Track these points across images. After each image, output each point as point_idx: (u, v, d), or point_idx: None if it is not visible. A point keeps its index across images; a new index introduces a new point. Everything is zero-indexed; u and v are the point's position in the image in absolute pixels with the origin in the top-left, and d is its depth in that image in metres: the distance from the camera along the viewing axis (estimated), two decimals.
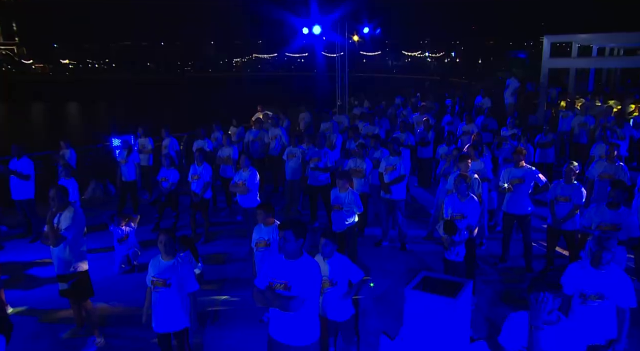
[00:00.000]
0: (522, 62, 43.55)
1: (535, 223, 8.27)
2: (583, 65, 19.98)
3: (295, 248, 3.81)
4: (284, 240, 3.77)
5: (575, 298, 4.38)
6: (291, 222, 3.81)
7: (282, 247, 3.80)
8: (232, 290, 7.10)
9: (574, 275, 4.42)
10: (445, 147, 10.12)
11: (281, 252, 3.85)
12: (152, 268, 4.66)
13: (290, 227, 3.76)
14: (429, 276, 5.26)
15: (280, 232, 3.79)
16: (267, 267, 3.97)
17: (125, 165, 9.84)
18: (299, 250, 3.85)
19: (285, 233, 3.76)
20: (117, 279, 7.52)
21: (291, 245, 3.78)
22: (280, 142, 11.49)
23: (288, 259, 3.85)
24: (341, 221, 7.12)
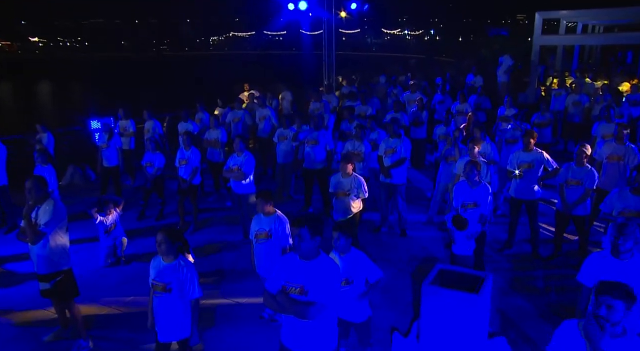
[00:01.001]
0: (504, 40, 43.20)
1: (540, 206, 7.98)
2: (576, 42, 19.73)
3: (312, 248, 3.39)
4: (299, 238, 3.33)
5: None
6: (306, 218, 3.37)
7: (297, 247, 3.36)
8: (228, 283, 6.66)
9: (594, 266, 4.11)
10: (443, 127, 9.73)
11: (295, 251, 3.42)
12: (152, 269, 4.19)
13: (305, 224, 3.32)
14: (445, 269, 4.90)
15: (294, 230, 3.35)
16: (279, 268, 3.53)
17: (106, 150, 9.24)
18: (316, 249, 3.42)
19: (300, 230, 3.32)
20: (103, 273, 7.01)
21: (307, 243, 3.34)
22: (270, 123, 10.98)
23: (303, 260, 3.42)
24: (345, 209, 6.71)
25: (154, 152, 8.55)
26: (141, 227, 8.58)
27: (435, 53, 47.65)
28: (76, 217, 8.65)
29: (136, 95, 28.68)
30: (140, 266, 7.11)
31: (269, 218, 5.42)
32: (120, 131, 10.50)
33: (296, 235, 3.33)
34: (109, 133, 9.27)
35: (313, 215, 3.53)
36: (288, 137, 9.35)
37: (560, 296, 6.11)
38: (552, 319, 5.60)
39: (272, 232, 5.36)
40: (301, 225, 3.31)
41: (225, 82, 34.48)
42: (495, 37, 41.22)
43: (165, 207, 9.06)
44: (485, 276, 4.70)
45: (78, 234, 7.97)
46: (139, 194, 9.59)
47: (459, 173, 7.31)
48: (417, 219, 8.62)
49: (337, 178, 6.81)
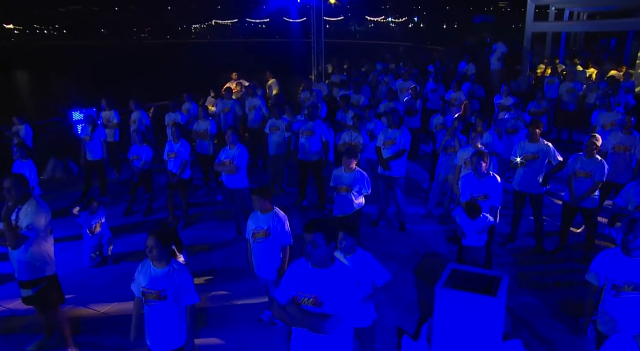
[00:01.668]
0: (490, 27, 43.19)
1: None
2: (568, 29, 19.56)
3: (327, 255, 3.07)
4: (313, 245, 3.01)
5: (607, 290, 3.84)
6: (321, 223, 3.05)
7: (310, 254, 3.04)
8: (222, 283, 6.33)
9: (605, 263, 3.89)
10: (439, 117, 9.46)
11: (308, 258, 3.10)
12: (141, 276, 3.83)
13: (320, 229, 3.00)
14: (457, 269, 4.63)
15: (308, 236, 3.03)
16: (288, 276, 3.21)
17: (89, 142, 8.78)
18: (331, 256, 3.11)
19: (313, 236, 3.00)
20: (88, 274, 6.62)
21: (321, 250, 3.03)
22: (260, 113, 10.59)
23: (317, 268, 3.10)
24: (347, 204, 6.39)
25: (141, 144, 8.15)
26: (128, 223, 8.19)
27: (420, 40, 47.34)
28: (59, 213, 8.23)
29: (118, 84, 27.91)
30: (128, 266, 6.74)
31: (267, 215, 5.09)
32: (103, 122, 10.04)
33: (310, 241, 3.01)
34: (92, 125, 8.82)
35: (328, 220, 3.19)
36: (280, 127, 8.99)
37: (570, 293, 5.90)
38: (564, 318, 5.40)
39: (271, 230, 5.03)
40: (316, 230, 2.99)
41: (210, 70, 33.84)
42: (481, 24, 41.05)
43: (154, 201, 8.68)
44: (501, 276, 4.45)
45: (62, 232, 7.56)
46: (125, 188, 9.18)
47: (459, 164, 7.06)
48: (415, 212, 8.36)
49: (339, 172, 6.48)
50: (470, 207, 5.44)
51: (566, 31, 22.58)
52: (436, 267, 6.60)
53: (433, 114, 10.06)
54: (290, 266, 3.25)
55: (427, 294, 5.91)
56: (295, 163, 10.00)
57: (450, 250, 7.09)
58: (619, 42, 24.68)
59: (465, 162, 6.91)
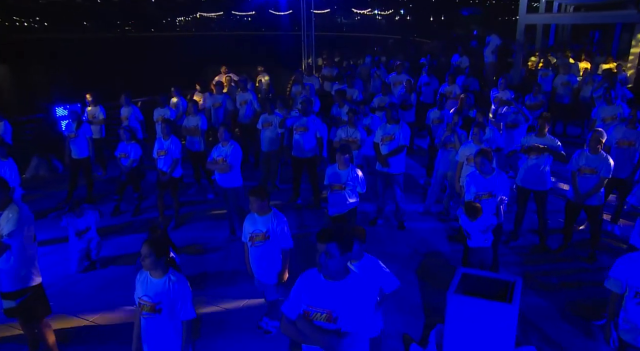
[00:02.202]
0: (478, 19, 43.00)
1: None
2: (561, 21, 19.44)
3: (341, 266, 2.82)
4: (326, 255, 2.75)
5: (629, 297, 3.61)
6: (335, 231, 2.79)
7: (323, 265, 2.78)
8: (216, 287, 6.05)
9: (626, 269, 3.64)
10: (436, 111, 9.23)
11: (320, 270, 2.84)
12: (139, 285, 3.56)
13: (334, 238, 2.74)
14: (467, 273, 4.41)
15: (320, 246, 2.77)
16: (298, 289, 2.95)
17: (74, 140, 8.39)
18: (346, 268, 2.86)
19: (327, 246, 2.74)
20: (76, 279, 6.28)
21: (336, 262, 2.77)
22: (252, 108, 10.28)
23: (330, 280, 2.84)
24: (342, 203, 6.14)
25: (129, 142, 7.81)
26: (116, 224, 7.86)
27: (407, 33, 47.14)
28: (44, 213, 7.90)
29: (103, 78, 27.32)
30: (117, 270, 6.46)
31: (265, 217, 4.81)
32: (88, 119, 9.64)
33: (323, 251, 2.75)
34: (77, 121, 8.43)
35: (343, 228, 2.92)
36: (273, 123, 8.70)
37: (578, 293, 5.72)
38: (574, 320, 5.22)
39: (270, 233, 4.77)
40: (330, 240, 2.73)
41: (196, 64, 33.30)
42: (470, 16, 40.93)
43: (143, 201, 8.36)
44: (514, 281, 4.23)
45: (47, 234, 7.24)
46: (112, 187, 8.84)
47: (461, 161, 6.85)
48: (413, 209, 8.15)
49: (333, 170, 6.22)
50: (470, 207, 5.23)
51: (555, 24, 22.52)
52: (439, 268, 6.42)
53: (428, 108, 9.85)
54: (300, 278, 2.99)
55: (432, 297, 5.72)
56: (288, 160, 9.75)
57: (452, 249, 6.89)
58: (603, 34, 24.72)
59: (468, 159, 6.70)
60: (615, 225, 7.23)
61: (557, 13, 19.25)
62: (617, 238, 7.04)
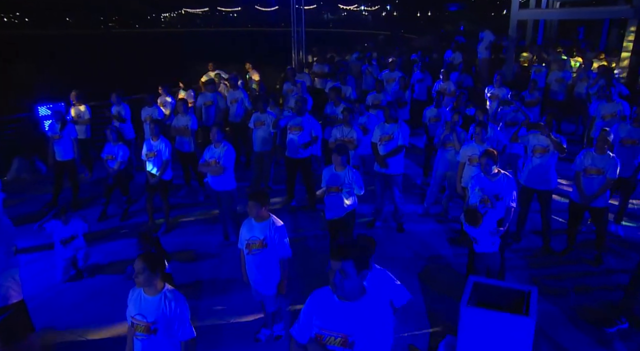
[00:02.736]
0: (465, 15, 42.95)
1: None
2: (554, 17, 19.34)
3: (357, 285, 2.56)
4: (342, 274, 2.50)
5: None
6: (350, 248, 2.54)
7: (338, 286, 2.53)
8: (211, 296, 5.78)
9: None
10: (433, 109, 9.00)
11: (334, 290, 2.58)
12: (132, 303, 3.28)
13: (350, 256, 2.48)
14: (479, 283, 4.19)
15: (335, 263, 2.51)
16: (309, 310, 2.70)
17: (59, 141, 8.03)
18: (361, 287, 2.61)
19: (343, 264, 2.49)
20: (60, 289, 5.95)
21: (352, 281, 2.52)
22: (243, 107, 9.98)
23: (345, 301, 2.58)
24: (340, 205, 5.88)
25: (116, 143, 7.48)
26: (103, 229, 7.52)
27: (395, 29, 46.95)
28: (26, 219, 7.55)
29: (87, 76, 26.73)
30: (105, 279, 6.15)
31: (263, 224, 4.54)
32: (73, 118, 9.26)
33: (338, 270, 2.49)
34: (62, 122, 8.07)
35: (359, 243, 2.67)
36: (266, 122, 8.41)
37: (587, 298, 5.54)
38: (585, 327, 5.03)
39: (268, 241, 4.50)
40: (345, 257, 2.48)
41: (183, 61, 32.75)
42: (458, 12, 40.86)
43: (132, 204, 8.04)
44: (529, 290, 4.02)
45: (30, 241, 6.93)
46: (99, 189, 8.51)
47: (463, 161, 6.63)
48: (412, 210, 7.93)
49: (330, 172, 5.96)
50: (469, 214, 5.02)
51: (544, 19, 22.43)
52: (442, 272, 6.21)
53: (422, 105, 9.63)
54: (311, 298, 2.73)
55: (437, 304, 5.50)
56: (281, 160, 9.48)
57: (453, 252, 6.68)
58: (589, 30, 24.72)
59: (470, 159, 6.49)
60: (618, 226, 7.06)
61: (551, 8, 19.14)
62: (621, 239, 6.88)
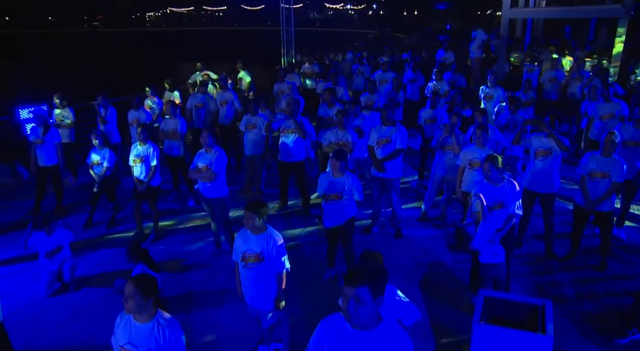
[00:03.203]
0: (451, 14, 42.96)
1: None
2: (545, 15, 19.28)
3: (373, 313, 2.33)
4: (356, 302, 2.26)
5: None
6: (365, 272, 2.30)
7: (353, 314, 2.29)
8: (204, 309, 5.50)
9: None
10: (429, 110, 8.80)
11: (348, 319, 2.34)
12: (120, 331, 3.00)
13: (365, 281, 2.24)
14: (490, 297, 3.97)
15: (349, 289, 2.27)
16: (320, 339, 2.45)
17: (41, 146, 7.66)
18: (377, 315, 2.37)
19: (357, 291, 2.25)
20: (45, 305, 5.62)
21: (367, 309, 2.28)
22: (232, 109, 9.69)
23: (360, 330, 2.34)
24: (340, 213, 5.64)
25: (102, 148, 7.16)
26: (89, 238, 7.19)
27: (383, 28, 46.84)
28: (8, 227, 7.25)
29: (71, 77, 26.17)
30: (92, 293, 5.83)
31: (260, 236, 4.29)
32: (56, 122, 8.90)
33: (352, 297, 2.25)
34: (44, 126, 7.71)
35: (374, 266, 2.42)
36: (257, 125, 8.15)
37: (595, 307, 5.36)
38: (597, 339, 4.84)
39: (265, 255, 4.24)
40: (360, 283, 2.23)
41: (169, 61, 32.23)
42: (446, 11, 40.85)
43: (119, 211, 7.72)
44: (543, 305, 3.81)
45: (11, 251, 6.59)
46: (84, 195, 8.17)
47: (463, 165, 6.42)
48: (409, 215, 7.71)
49: (327, 178, 5.70)
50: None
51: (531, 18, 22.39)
52: (444, 281, 5.98)
53: (415, 105, 9.41)
54: (322, 326, 2.49)
55: (441, 315, 5.28)
56: (272, 163, 9.22)
57: (454, 259, 6.47)
58: (574, 29, 24.76)
59: (470, 163, 6.29)
60: (620, 229, 6.91)
61: (543, 7, 19.08)
62: (623, 243, 6.73)
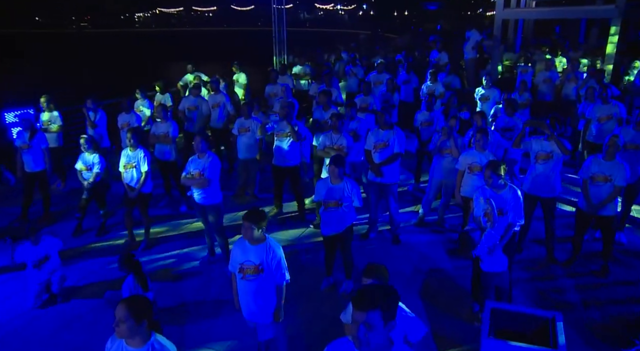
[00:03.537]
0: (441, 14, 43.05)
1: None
2: (539, 16, 19.25)
3: (384, 339, 2.17)
4: (366, 327, 2.10)
5: None
6: (375, 294, 2.14)
7: (363, 341, 2.13)
8: (198, 321, 5.32)
9: None
10: (425, 112, 8.66)
11: (359, 347, 2.18)
12: None
13: (377, 305, 2.09)
14: (497, 309, 3.83)
15: (359, 315, 2.11)
16: None
17: (28, 151, 7.43)
18: (389, 340, 2.21)
19: (369, 316, 2.09)
20: (31, 317, 5.40)
21: (378, 335, 2.12)
22: (225, 112, 9.50)
23: None
24: (339, 221, 5.48)
25: (91, 153, 6.94)
26: (78, 246, 6.96)
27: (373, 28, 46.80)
28: None
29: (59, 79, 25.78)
30: (81, 304, 5.62)
31: (259, 246, 4.11)
32: (44, 126, 8.66)
33: (362, 323, 2.10)
34: (31, 130, 7.48)
35: (385, 287, 2.25)
36: (251, 128, 7.97)
37: (600, 314, 5.24)
38: (600, 347, 4.72)
39: (264, 266, 4.08)
40: (371, 307, 2.08)
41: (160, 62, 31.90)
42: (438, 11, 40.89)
43: (109, 218, 7.50)
44: (552, 317, 3.68)
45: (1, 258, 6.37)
46: (73, 201, 7.95)
47: (462, 170, 6.30)
48: (406, 219, 7.58)
49: (325, 185, 5.54)
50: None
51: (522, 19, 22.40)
52: (445, 288, 5.84)
53: (410, 107, 9.26)
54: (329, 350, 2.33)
55: (443, 324, 5.12)
56: (266, 166, 9.06)
57: (453, 265, 6.32)
58: (563, 29, 24.82)
59: (470, 167, 6.16)
60: (621, 233, 6.82)
61: (537, 8, 19.05)
62: (624, 248, 6.64)
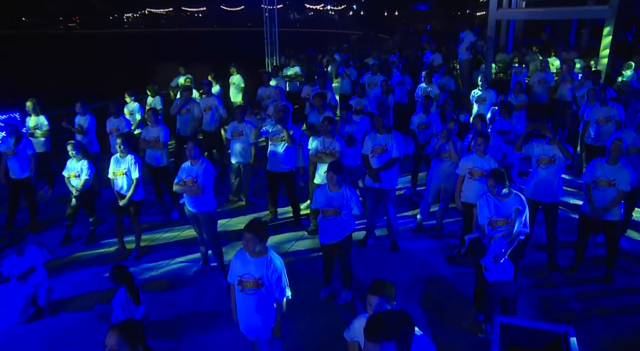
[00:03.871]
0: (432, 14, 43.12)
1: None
2: (532, 17, 19.21)
3: None
4: None
5: None
6: (392, 324, 1.96)
7: None
8: (193, 334, 5.11)
9: None
10: (421, 115, 8.50)
11: None
12: None
13: (393, 336, 1.92)
14: (505, 323, 3.67)
15: (373, 346, 1.94)
16: None
17: (13, 158, 7.20)
18: None
19: (382, 347, 1.92)
20: (17, 332, 5.18)
21: None
22: (216, 115, 9.29)
23: None
24: (338, 229, 5.30)
25: (79, 159, 6.72)
26: (67, 256, 6.74)
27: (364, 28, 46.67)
28: None
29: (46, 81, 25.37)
30: (70, 318, 5.40)
31: (259, 260, 3.91)
32: (30, 131, 8.41)
33: None
34: (16, 136, 7.23)
35: (398, 314, 2.07)
36: (244, 132, 7.79)
37: (606, 324, 5.10)
38: None
39: (264, 280, 3.88)
40: (386, 338, 1.91)
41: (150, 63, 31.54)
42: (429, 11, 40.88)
43: (98, 225, 7.28)
44: (565, 332, 3.53)
45: None
46: (61, 208, 7.71)
47: (462, 174, 6.15)
48: (404, 225, 7.42)
49: (323, 192, 5.35)
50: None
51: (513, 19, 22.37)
52: (446, 297, 5.68)
53: (404, 109, 9.10)
54: None
55: (446, 336, 4.97)
56: (259, 171, 8.89)
57: (453, 272, 6.19)
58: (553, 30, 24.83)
59: (471, 172, 6.01)
60: (622, 238, 6.71)
61: (529, 8, 19.01)
62: (627, 253, 6.52)
